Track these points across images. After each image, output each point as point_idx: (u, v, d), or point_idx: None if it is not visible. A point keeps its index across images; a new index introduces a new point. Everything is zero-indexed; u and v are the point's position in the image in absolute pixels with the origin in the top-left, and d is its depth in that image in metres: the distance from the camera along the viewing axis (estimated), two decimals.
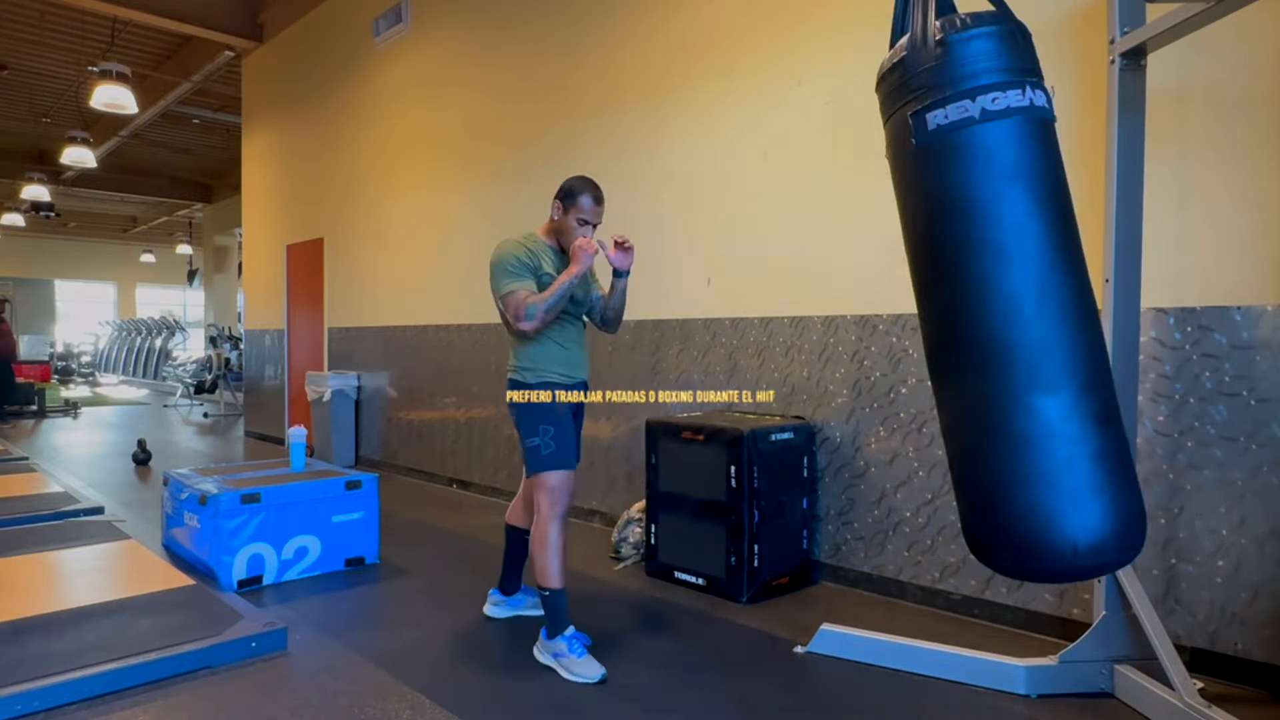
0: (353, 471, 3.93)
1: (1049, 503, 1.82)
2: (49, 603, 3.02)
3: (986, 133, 1.85)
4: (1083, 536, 1.81)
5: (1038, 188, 1.87)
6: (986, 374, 1.89)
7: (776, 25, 3.78)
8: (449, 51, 5.86)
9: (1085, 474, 1.82)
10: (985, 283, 1.87)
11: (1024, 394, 1.84)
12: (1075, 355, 1.85)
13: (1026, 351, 1.84)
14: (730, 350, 3.98)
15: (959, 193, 1.89)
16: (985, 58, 1.86)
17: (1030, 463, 1.84)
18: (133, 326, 19.99)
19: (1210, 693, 2.39)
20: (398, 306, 6.44)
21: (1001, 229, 1.85)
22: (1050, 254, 1.86)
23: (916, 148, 1.95)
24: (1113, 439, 1.86)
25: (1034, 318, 1.84)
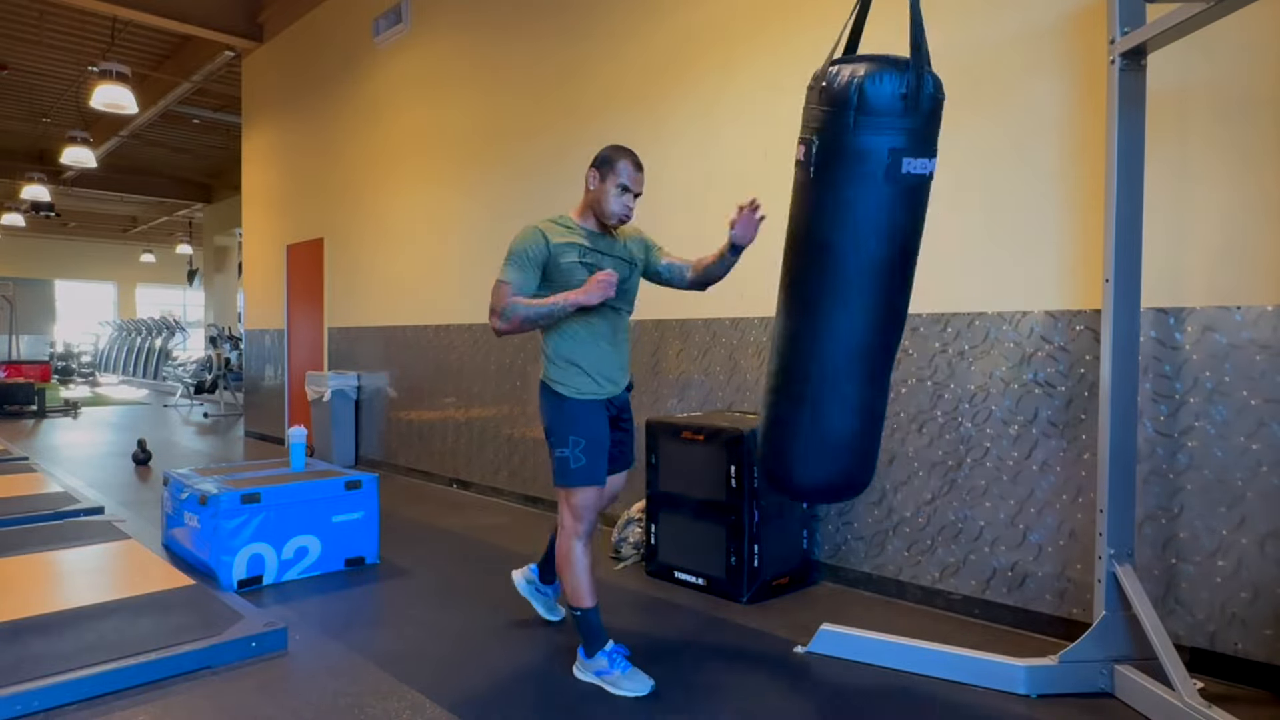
0: (353, 471, 3.93)
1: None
2: (49, 603, 3.02)
3: (923, 190, 2.24)
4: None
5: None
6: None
7: (775, 23, 3.78)
8: (449, 51, 5.86)
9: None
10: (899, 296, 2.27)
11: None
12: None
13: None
14: (730, 350, 3.98)
15: (906, 230, 2.25)
16: (937, 122, 2.21)
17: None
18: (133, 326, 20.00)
19: (1210, 693, 2.39)
20: (398, 306, 6.44)
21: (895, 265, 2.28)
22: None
23: (884, 180, 2.18)
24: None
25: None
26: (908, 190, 2.13)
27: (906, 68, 2.06)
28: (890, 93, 2.05)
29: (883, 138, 2.07)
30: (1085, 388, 2.83)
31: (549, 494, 4.99)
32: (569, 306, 2.41)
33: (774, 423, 2.42)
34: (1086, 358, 2.83)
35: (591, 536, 2.55)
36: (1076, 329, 2.86)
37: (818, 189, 2.19)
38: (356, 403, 6.87)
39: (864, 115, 2.07)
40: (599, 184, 2.54)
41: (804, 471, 2.37)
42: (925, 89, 2.07)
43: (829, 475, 2.37)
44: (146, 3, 7.52)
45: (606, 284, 2.39)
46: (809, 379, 2.29)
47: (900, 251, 2.19)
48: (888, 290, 2.22)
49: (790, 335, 2.34)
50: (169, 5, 7.66)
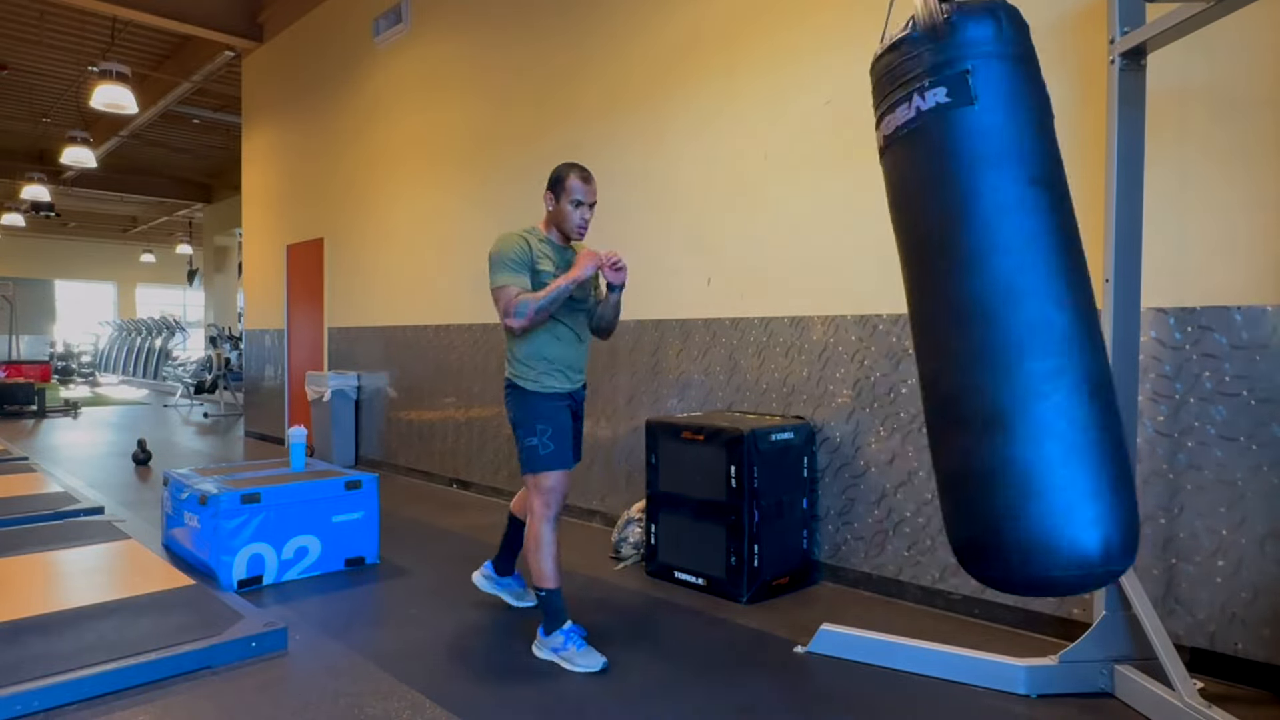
0: (353, 471, 3.93)
1: (1041, 510, 1.68)
2: (49, 603, 3.02)
3: (886, 154, 1.90)
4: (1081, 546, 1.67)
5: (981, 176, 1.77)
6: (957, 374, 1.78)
7: (778, 26, 3.78)
8: (449, 52, 5.86)
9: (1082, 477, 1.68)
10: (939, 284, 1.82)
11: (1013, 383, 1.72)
12: (1059, 339, 1.70)
13: (1004, 335, 1.71)
14: (730, 350, 3.98)
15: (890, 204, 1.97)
16: (888, 74, 1.88)
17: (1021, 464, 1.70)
18: (133, 326, 19.99)
19: (1210, 693, 2.39)
20: (398, 306, 6.44)
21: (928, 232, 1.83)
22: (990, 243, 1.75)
23: (885, 145, 1.98)
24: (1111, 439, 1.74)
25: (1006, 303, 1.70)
26: None
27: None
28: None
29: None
30: None
31: None
32: (571, 284, 2.61)
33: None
34: None
35: (559, 520, 2.76)
36: None
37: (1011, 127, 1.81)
38: (356, 403, 6.87)
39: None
40: (555, 204, 2.74)
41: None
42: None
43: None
44: (146, 3, 7.52)
45: (594, 256, 2.64)
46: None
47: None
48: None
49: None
50: (169, 5, 7.66)
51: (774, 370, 3.79)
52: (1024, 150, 1.74)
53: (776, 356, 3.78)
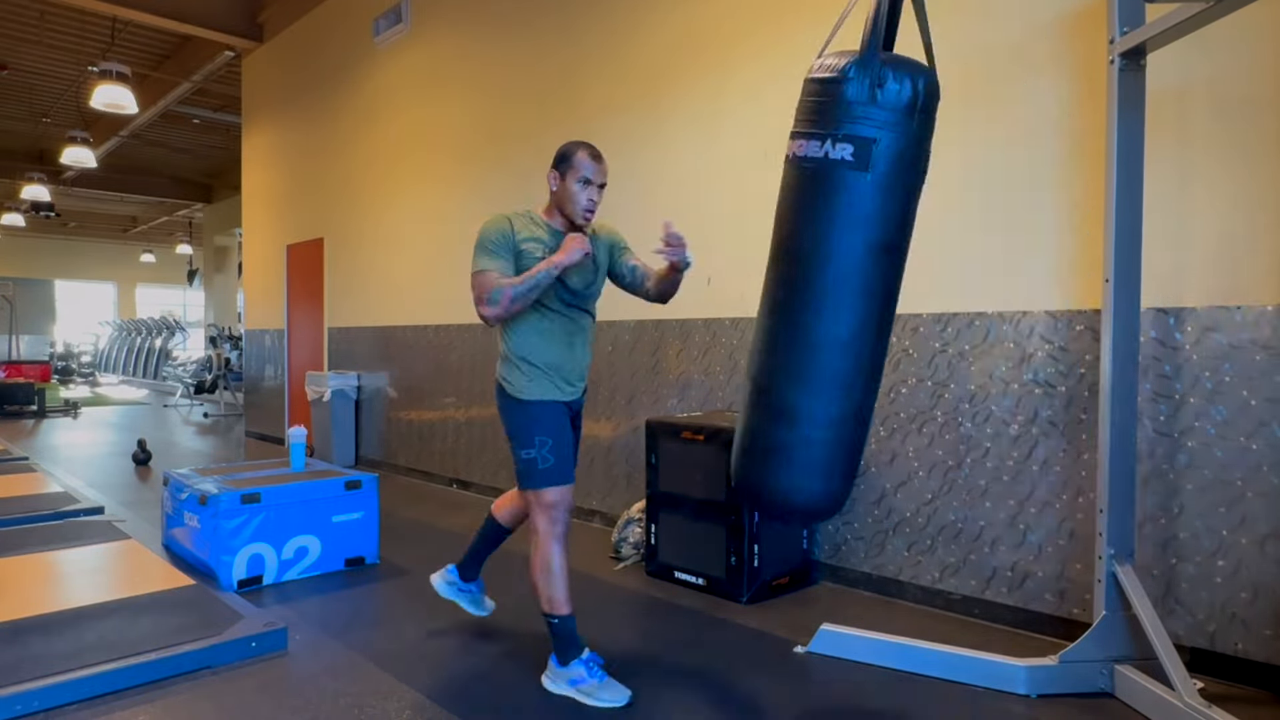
0: (353, 471, 3.93)
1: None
2: (49, 603, 3.02)
3: (791, 169, 2.12)
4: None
5: (801, 225, 2.14)
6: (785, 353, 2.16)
7: (775, 22, 3.78)
8: (449, 51, 5.87)
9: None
10: (774, 280, 2.29)
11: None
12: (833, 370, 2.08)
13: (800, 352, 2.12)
14: (730, 350, 3.98)
15: (778, 208, 2.24)
16: (812, 103, 2.07)
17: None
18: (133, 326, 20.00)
19: (1210, 693, 2.39)
20: (398, 306, 6.44)
21: (782, 250, 2.24)
22: (797, 284, 2.16)
23: (790, 158, 2.17)
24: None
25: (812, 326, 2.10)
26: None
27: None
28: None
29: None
30: (1085, 388, 2.83)
31: None
32: (554, 270, 2.31)
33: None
34: (1086, 358, 2.83)
35: (567, 539, 2.44)
36: (1076, 329, 2.86)
37: (885, 197, 2.05)
38: (356, 403, 6.87)
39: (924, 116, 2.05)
40: (560, 183, 2.44)
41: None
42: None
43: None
44: (146, 3, 7.52)
45: (583, 240, 2.35)
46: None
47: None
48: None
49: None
50: (169, 5, 7.66)
51: None
52: (886, 218, 2.03)
53: None
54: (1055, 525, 2.90)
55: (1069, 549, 2.86)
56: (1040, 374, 2.95)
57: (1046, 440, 2.93)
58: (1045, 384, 2.94)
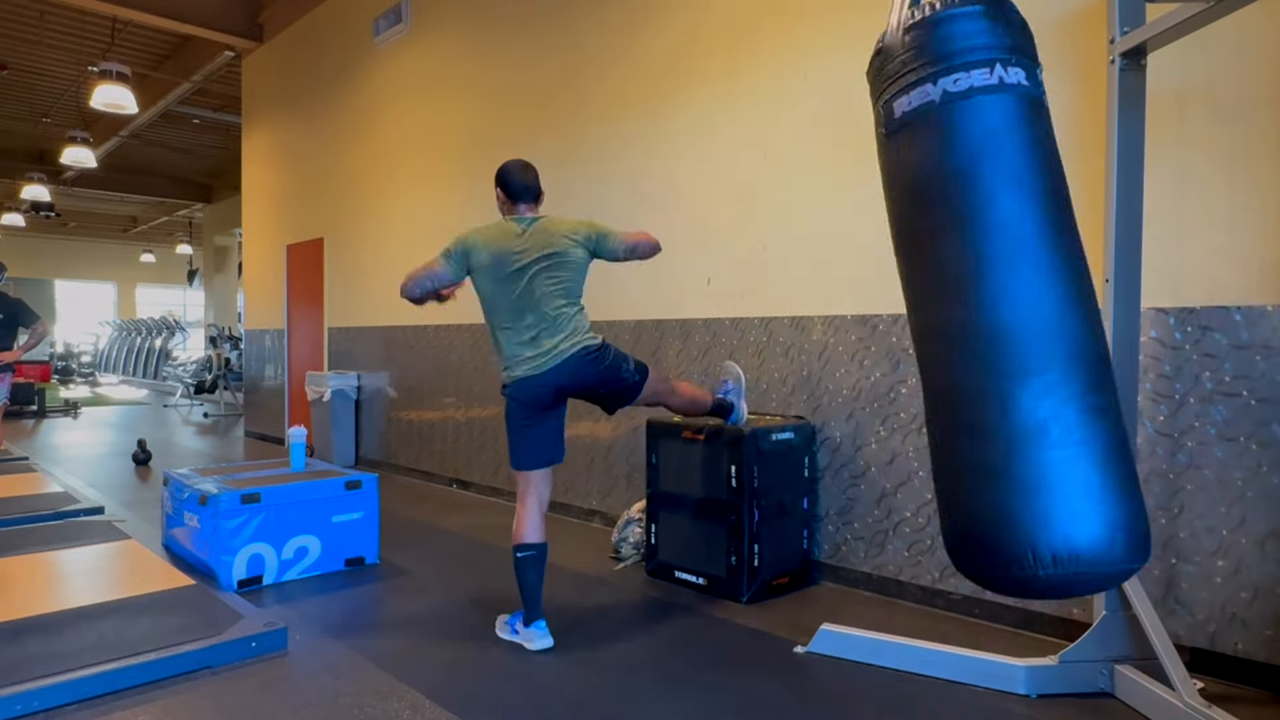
0: (353, 471, 3.93)
1: (1025, 506, 1.65)
2: (49, 603, 3.02)
3: (948, 114, 1.76)
4: (1071, 543, 1.65)
5: (1008, 166, 1.74)
6: (953, 363, 1.76)
7: (777, 25, 3.78)
8: (449, 51, 5.86)
9: (1074, 473, 1.66)
10: (947, 268, 1.76)
11: (997, 385, 1.68)
12: (1058, 341, 1.67)
13: (995, 336, 1.68)
14: (730, 350, 3.98)
15: (923, 176, 1.81)
16: (952, 40, 1.78)
17: (1006, 462, 1.68)
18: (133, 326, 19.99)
19: (1210, 693, 2.39)
20: (398, 306, 6.43)
21: (962, 211, 1.73)
22: (1021, 232, 1.70)
23: (887, 136, 1.93)
24: (1107, 434, 1.72)
25: (1000, 300, 1.67)
26: None
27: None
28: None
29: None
30: None
31: (551, 495, 4.98)
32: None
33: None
34: None
35: (530, 503, 2.88)
36: None
37: (1051, 131, 1.84)
38: (356, 403, 6.87)
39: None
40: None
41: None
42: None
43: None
44: (146, 3, 7.52)
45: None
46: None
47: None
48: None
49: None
50: (169, 5, 7.66)
51: (774, 370, 3.79)
52: (1055, 153, 1.79)
53: (776, 356, 3.78)
54: None
55: None
56: None
57: None
58: None
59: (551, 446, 2.89)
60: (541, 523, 2.87)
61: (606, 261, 2.93)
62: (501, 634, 2.90)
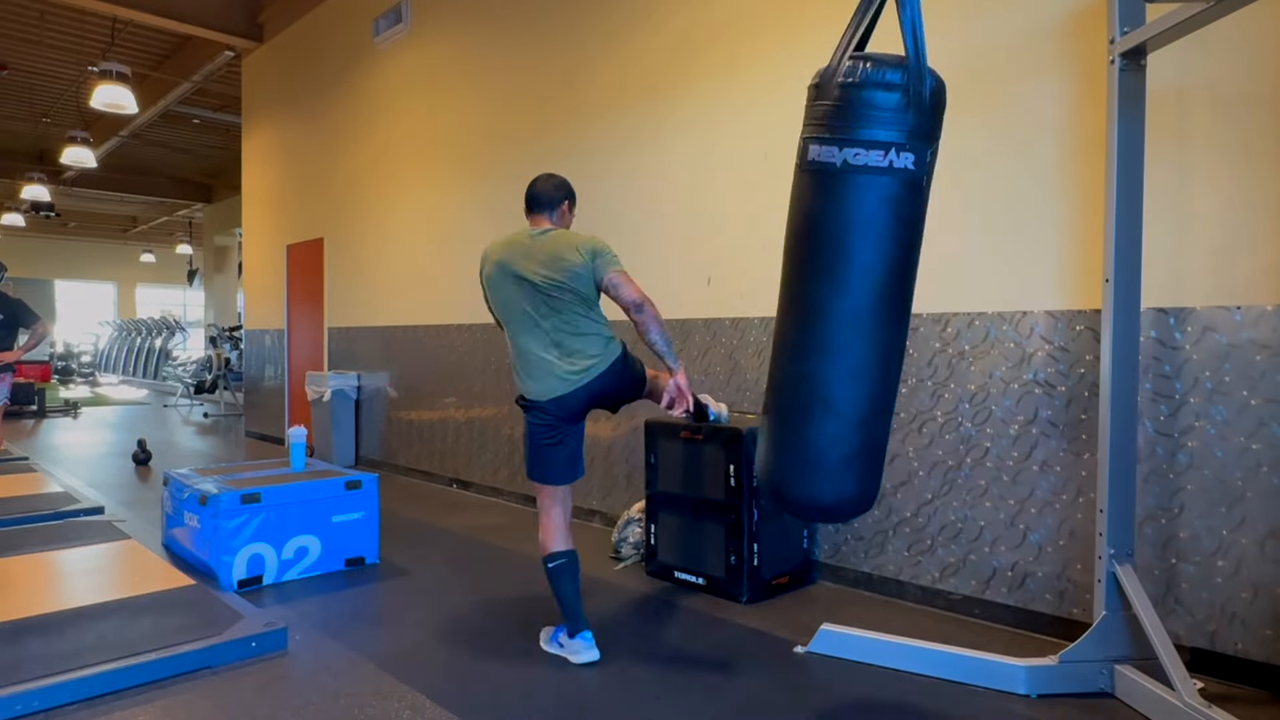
0: (353, 471, 3.93)
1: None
2: (49, 603, 3.02)
3: (842, 180, 2.04)
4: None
5: (871, 236, 2.04)
6: (793, 364, 2.17)
7: (777, 24, 3.78)
8: (449, 51, 5.87)
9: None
10: (811, 297, 2.13)
11: (825, 383, 2.11)
12: (863, 378, 2.09)
13: (823, 354, 2.11)
14: (730, 350, 3.98)
15: (814, 218, 2.10)
16: (865, 112, 1.99)
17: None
18: (133, 326, 19.99)
19: (1210, 693, 2.39)
20: (398, 306, 6.44)
21: (834, 260, 2.08)
22: (859, 301, 2.07)
23: (799, 168, 2.12)
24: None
25: (837, 333, 2.10)
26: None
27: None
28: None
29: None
30: (1085, 388, 2.83)
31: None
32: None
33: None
34: (1086, 358, 2.83)
35: (548, 513, 2.79)
36: (1076, 329, 2.86)
37: (925, 201, 2.12)
38: (356, 403, 6.87)
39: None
40: (571, 217, 2.89)
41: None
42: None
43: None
44: (146, 3, 7.52)
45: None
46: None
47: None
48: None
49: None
50: (169, 5, 7.66)
51: None
52: (921, 220, 2.10)
53: None
54: (1055, 525, 2.90)
55: (1069, 549, 2.86)
56: (1040, 374, 2.95)
57: (1046, 440, 2.93)
58: (1045, 384, 2.94)
59: (572, 463, 2.77)
60: (568, 531, 2.76)
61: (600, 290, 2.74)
62: (547, 648, 2.79)
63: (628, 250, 4.45)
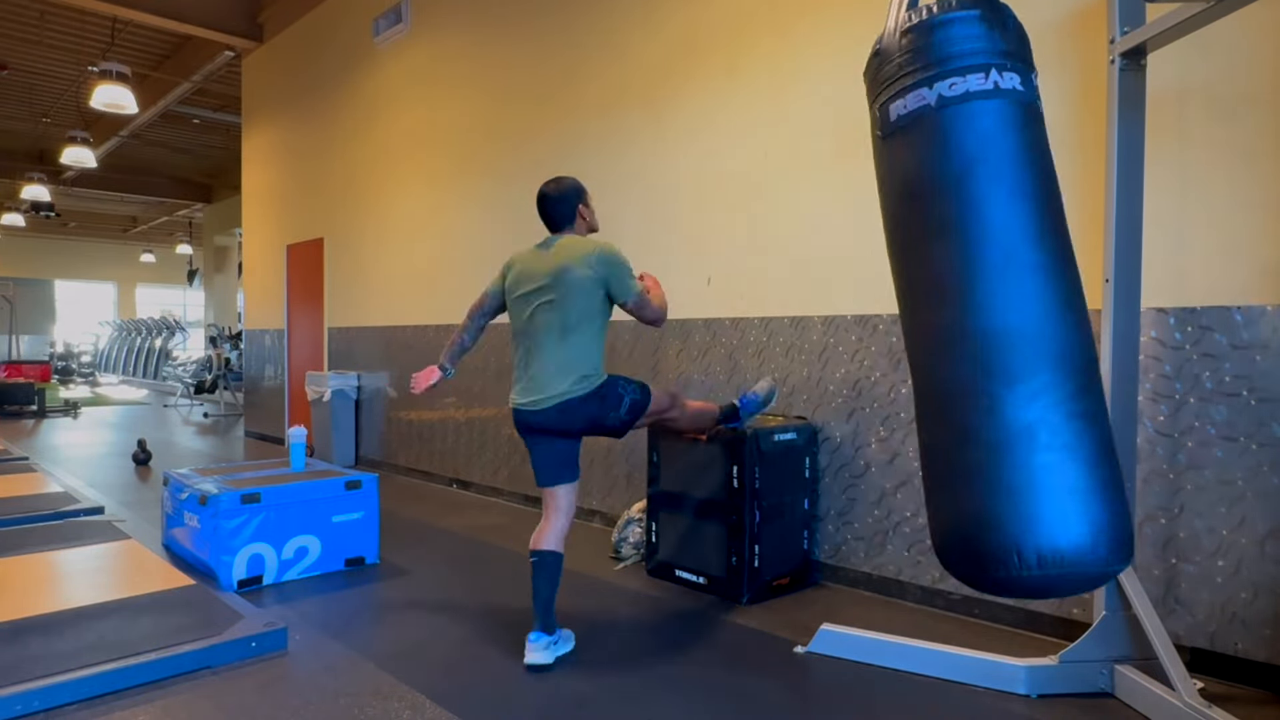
0: (353, 471, 3.93)
1: (1011, 508, 1.68)
2: (49, 603, 3.02)
3: (944, 119, 1.78)
4: (1054, 544, 1.68)
5: (1001, 172, 1.75)
6: (943, 366, 1.78)
7: (778, 25, 3.78)
8: (449, 51, 5.87)
9: (1060, 476, 1.69)
10: (939, 271, 1.77)
11: (984, 388, 1.70)
12: (1047, 345, 1.69)
13: (984, 340, 1.70)
14: (730, 350, 3.98)
15: (916, 180, 1.82)
16: (949, 44, 1.79)
17: (990, 467, 1.70)
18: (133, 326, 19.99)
19: (1210, 693, 2.39)
20: (398, 306, 6.44)
21: (955, 216, 1.75)
22: (1011, 238, 1.71)
23: (883, 139, 1.94)
24: (1093, 438, 1.73)
25: (990, 304, 1.70)
26: None
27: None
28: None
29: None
30: None
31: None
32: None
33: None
34: None
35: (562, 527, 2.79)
36: None
37: (1045, 135, 1.85)
38: (356, 403, 6.87)
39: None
40: (590, 210, 2.85)
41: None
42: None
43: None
44: (146, 3, 7.52)
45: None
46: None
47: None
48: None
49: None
50: (169, 5, 7.66)
51: (774, 370, 3.79)
52: (1049, 155, 1.81)
53: (776, 356, 3.78)
54: None
55: None
56: None
57: None
58: None
59: (559, 467, 2.75)
60: (556, 535, 2.72)
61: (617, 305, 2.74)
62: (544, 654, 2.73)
63: (628, 250, 4.45)
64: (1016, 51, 1.84)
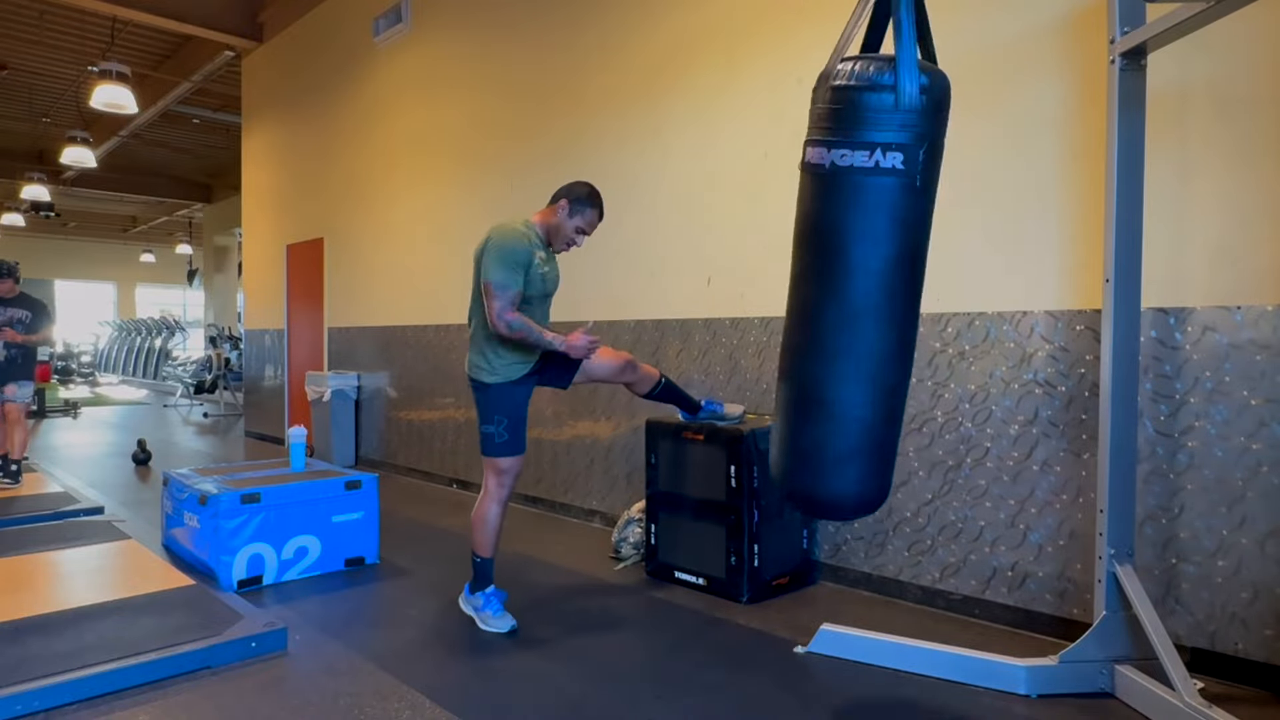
0: (353, 471, 3.93)
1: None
2: (49, 603, 3.02)
3: (833, 181, 2.06)
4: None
5: (874, 237, 2.06)
6: (805, 361, 2.18)
7: (776, 23, 3.78)
8: (449, 51, 5.87)
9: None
10: (807, 299, 2.16)
11: (819, 384, 2.15)
12: (873, 372, 2.12)
13: (832, 357, 2.13)
14: (730, 350, 3.98)
15: (810, 218, 2.13)
16: (851, 111, 2.01)
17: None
18: (133, 326, 19.99)
19: (1210, 693, 2.38)
20: (398, 306, 6.44)
21: (826, 260, 2.10)
22: (867, 297, 2.08)
23: (800, 168, 2.16)
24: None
25: (831, 336, 2.13)
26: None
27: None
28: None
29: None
30: (1085, 388, 2.83)
31: (550, 494, 4.99)
32: (554, 345, 2.76)
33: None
34: (1086, 358, 2.83)
35: (507, 502, 3.00)
36: (1076, 329, 2.86)
37: (925, 201, 2.12)
38: (356, 403, 6.87)
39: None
40: (565, 218, 2.86)
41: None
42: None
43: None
44: (146, 3, 7.52)
45: (585, 348, 2.77)
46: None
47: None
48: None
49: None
50: (169, 5, 7.66)
51: (774, 370, 3.79)
52: (923, 222, 2.10)
53: (776, 356, 3.78)
54: (1055, 525, 2.90)
55: (1069, 549, 2.86)
56: (1040, 374, 2.95)
57: (1046, 440, 2.92)
58: (1045, 384, 2.93)
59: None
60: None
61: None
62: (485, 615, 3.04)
63: (627, 250, 4.46)
64: (911, 127, 1.99)
